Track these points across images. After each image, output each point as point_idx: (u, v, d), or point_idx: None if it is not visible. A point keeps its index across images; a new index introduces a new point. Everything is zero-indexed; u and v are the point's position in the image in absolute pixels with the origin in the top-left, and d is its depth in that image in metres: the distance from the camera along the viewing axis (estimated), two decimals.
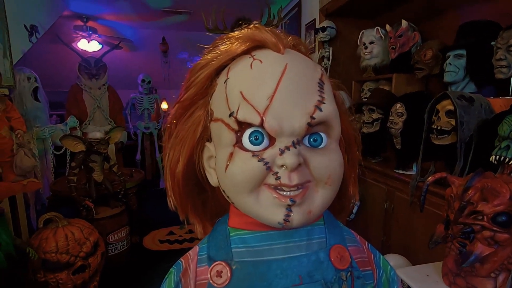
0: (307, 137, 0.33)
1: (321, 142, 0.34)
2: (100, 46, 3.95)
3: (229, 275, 0.35)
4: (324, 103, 0.33)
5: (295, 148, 0.32)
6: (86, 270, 1.54)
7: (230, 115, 0.33)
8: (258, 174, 0.32)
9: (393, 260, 1.26)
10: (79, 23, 3.79)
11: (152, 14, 3.65)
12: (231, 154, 0.33)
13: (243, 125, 0.33)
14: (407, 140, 1.45)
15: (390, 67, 1.94)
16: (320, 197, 0.34)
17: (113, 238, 2.00)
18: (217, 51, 0.36)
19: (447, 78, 1.44)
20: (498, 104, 1.21)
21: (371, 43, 2.04)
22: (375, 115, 1.69)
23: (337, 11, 2.23)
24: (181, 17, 3.74)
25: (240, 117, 0.32)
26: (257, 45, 0.35)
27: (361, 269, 0.38)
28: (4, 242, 1.27)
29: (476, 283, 0.82)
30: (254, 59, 0.34)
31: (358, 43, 2.12)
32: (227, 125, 0.33)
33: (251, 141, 0.32)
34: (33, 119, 2.38)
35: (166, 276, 0.40)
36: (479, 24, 1.41)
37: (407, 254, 1.37)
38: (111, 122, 2.85)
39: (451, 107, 1.16)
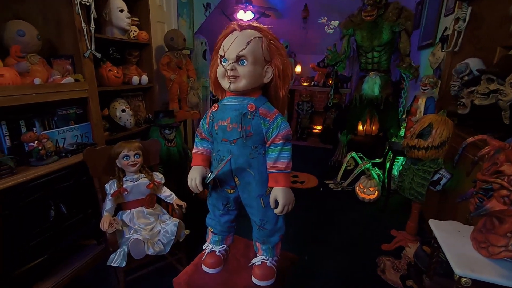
0: (240, 61, 0.84)
1: (244, 63, 0.83)
2: (252, 15, 4.71)
3: (217, 107, 0.91)
4: (244, 49, 0.82)
5: (232, 64, 0.83)
6: None
7: (218, 53, 0.88)
8: (223, 72, 0.85)
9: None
10: None
11: None
12: (217, 65, 0.89)
13: (220, 56, 0.86)
14: None
15: None
16: (242, 82, 0.85)
17: None
18: (226, 30, 0.84)
19: None
20: None
21: None
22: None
23: None
24: None
25: (220, 53, 0.86)
26: (234, 29, 0.86)
27: (261, 115, 0.86)
28: (178, 143, 2.15)
29: (491, 239, 0.88)
30: (231, 34, 0.86)
31: None
32: (218, 56, 0.88)
33: (222, 61, 0.86)
34: (201, 72, 3.37)
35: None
36: None
37: None
38: None
39: None
